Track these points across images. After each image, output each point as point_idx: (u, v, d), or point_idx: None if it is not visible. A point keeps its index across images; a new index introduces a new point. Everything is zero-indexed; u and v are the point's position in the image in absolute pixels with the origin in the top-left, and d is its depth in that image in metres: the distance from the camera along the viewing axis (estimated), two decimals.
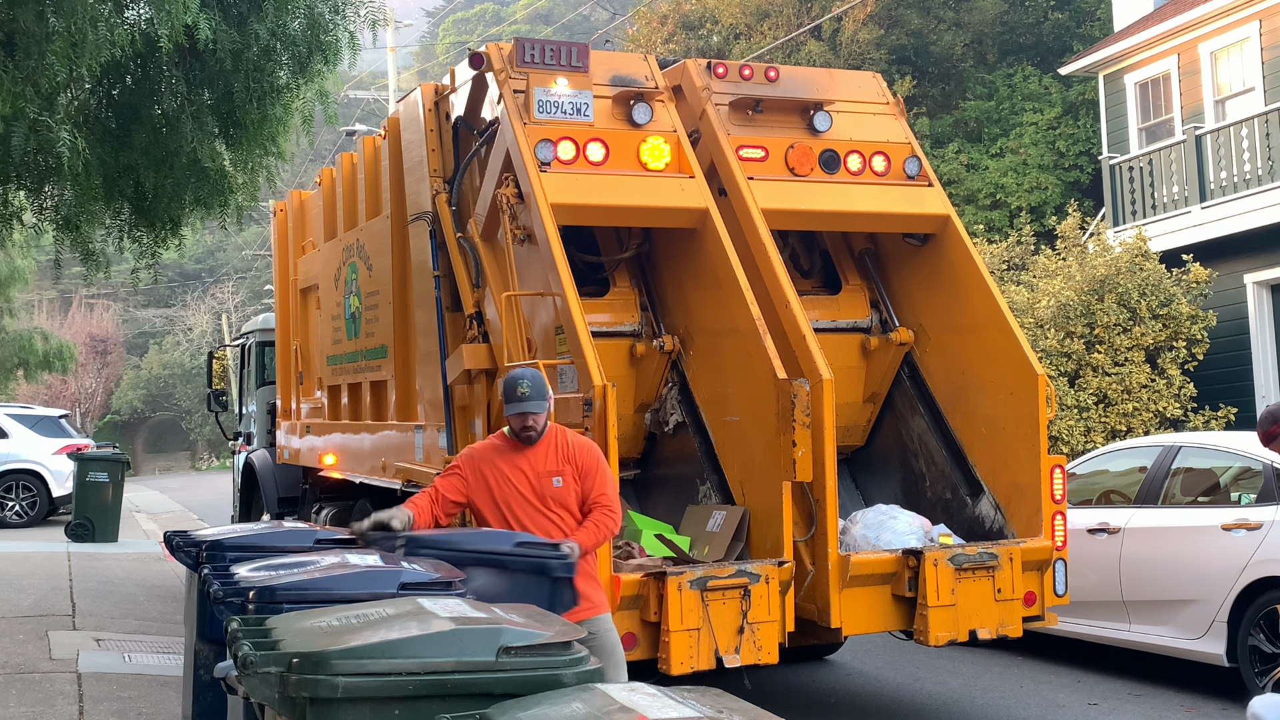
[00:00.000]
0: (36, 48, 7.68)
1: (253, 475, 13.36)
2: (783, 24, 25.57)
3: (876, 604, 6.95)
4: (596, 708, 2.85)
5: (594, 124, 7.41)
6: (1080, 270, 15.44)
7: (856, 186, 7.92)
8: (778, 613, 6.56)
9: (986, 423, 7.63)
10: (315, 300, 11.32)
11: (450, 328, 8.02)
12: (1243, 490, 8.43)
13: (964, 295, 7.83)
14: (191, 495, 30.87)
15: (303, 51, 9.00)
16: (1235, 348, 16.46)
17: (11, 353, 27.34)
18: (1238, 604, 7.92)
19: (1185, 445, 9.01)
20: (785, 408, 6.61)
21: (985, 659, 9.50)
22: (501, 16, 59.33)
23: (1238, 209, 16.41)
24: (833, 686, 8.79)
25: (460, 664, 3.22)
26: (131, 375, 56.74)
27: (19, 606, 11.07)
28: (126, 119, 9.30)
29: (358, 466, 9.76)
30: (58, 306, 52.59)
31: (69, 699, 7.66)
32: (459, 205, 8.10)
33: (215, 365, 15.48)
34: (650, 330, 7.89)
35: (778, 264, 7.31)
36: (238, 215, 10.50)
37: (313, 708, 3.15)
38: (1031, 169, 23.18)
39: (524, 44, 7.47)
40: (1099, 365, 14.81)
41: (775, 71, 8.04)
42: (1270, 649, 7.78)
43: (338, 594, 4.38)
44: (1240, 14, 17.47)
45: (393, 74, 33.92)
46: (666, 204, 7.36)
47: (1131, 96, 19.51)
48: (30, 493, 20.29)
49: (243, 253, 56.27)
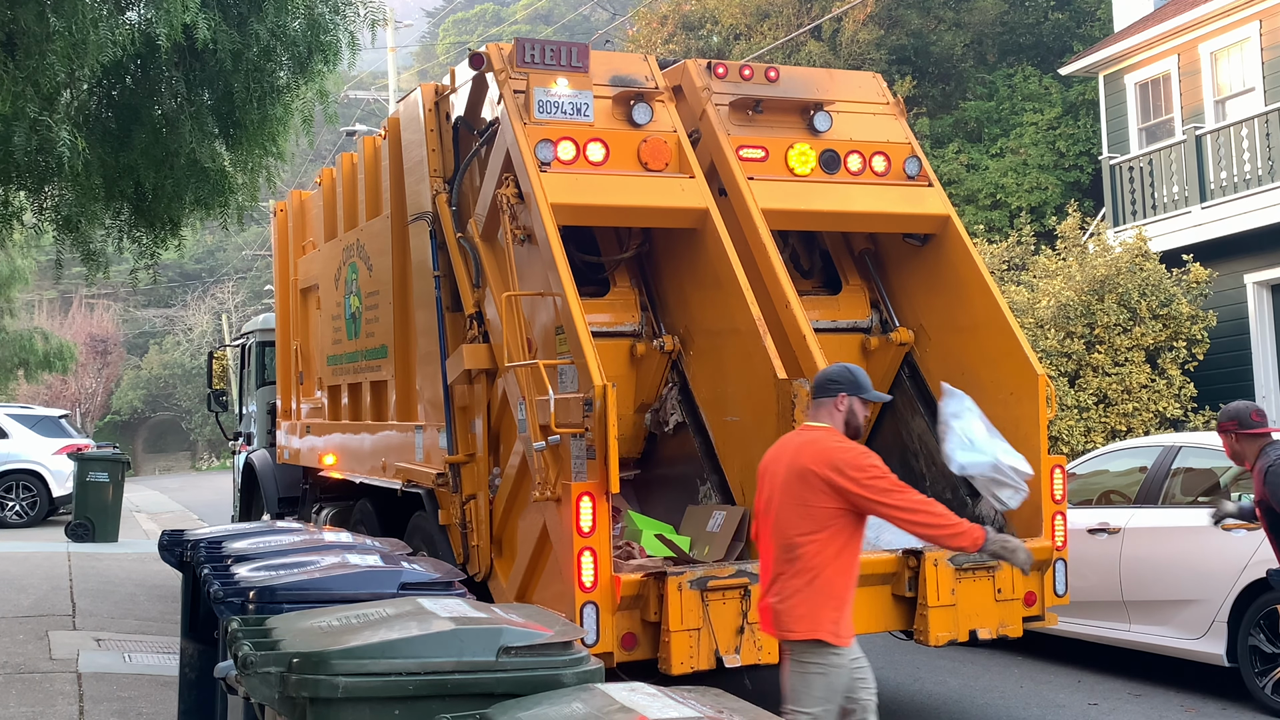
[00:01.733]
0: (37, 48, 7.69)
1: (253, 475, 13.36)
2: (783, 24, 25.56)
3: (876, 604, 6.95)
4: (596, 708, 2.85)
5: (594, 124, 7.41)
6: (1080, 270, 15.44)
7: (857, 186, 7.92)
8: None
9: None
10: (315, 300, 11.32)
11: (450, 328, 8.02)
12: (1243, 490, 8.43)
13: (964, 295, 7.83)
14: (191, 495, 30.87)
15: (302, 52, 9.01)
16: (1235, 348, 16.46)
17: (11, 353, 27.34)
18: (1238, 604, 7.92)
19: (1185, 445, 9.01)
20: (785, 408, 6.61)
21: (985, 659, 9.50)
22: (501, 17, 59.34)
23: (1238, 209, 16.41)
24: None
25: (460, 664, 3.22)
26: (131, 375, 56.74)
27: (19, 606, 11.07)
28: (127, 119, 9.30)
29: (358, 466, 9.77)
30: (58, 306, 52.58)
31: (69, 699, 7.66)
32: (459, 205, 8.09)
33: (215, 365, 15.48)
34: (650, 330, 7.89)
35: (778, 264, 7.31)
36: (238, 215, 10.51)
37: (313, 708, 3.15)
38: (1031, 169, 23.18)
39: (524, 44, 7.47)
40: (1099, 365, 14.81)
41: (775, 72, 8.04)
42: (1270, 649, 7.78)
43: (338, 594, 4.39)
44: (1240, 14, 17.46)
45: (393, 74, 33.91)
46: (666, 204, 7.36)
47: (1131, 96, 19.51)
48: (30, 493, 20.30)
49: (243, 253, 56.27)
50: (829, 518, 4.96)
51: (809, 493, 4.98)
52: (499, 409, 7.46)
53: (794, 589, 4.99)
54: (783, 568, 5.05)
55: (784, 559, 5.05)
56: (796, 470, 5.04)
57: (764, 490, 5.25)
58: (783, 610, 5.03)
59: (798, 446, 5.15)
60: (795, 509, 5.02)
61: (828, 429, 5.15)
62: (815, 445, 5.06)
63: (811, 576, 4.97)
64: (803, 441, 5.16)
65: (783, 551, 5.06)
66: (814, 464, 4.99)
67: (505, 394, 7.32)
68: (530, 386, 6.86)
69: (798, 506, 5.01)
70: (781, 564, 5.06)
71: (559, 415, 6.40)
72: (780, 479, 5.12)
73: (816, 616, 4.96)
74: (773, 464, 5.24)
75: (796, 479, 5.03)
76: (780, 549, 5.07)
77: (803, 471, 5.01)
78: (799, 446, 5.14)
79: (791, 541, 5.01)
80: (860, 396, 5.21)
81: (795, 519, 5.01)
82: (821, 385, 5.27)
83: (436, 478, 7.80)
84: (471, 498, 7.58)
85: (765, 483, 5.25)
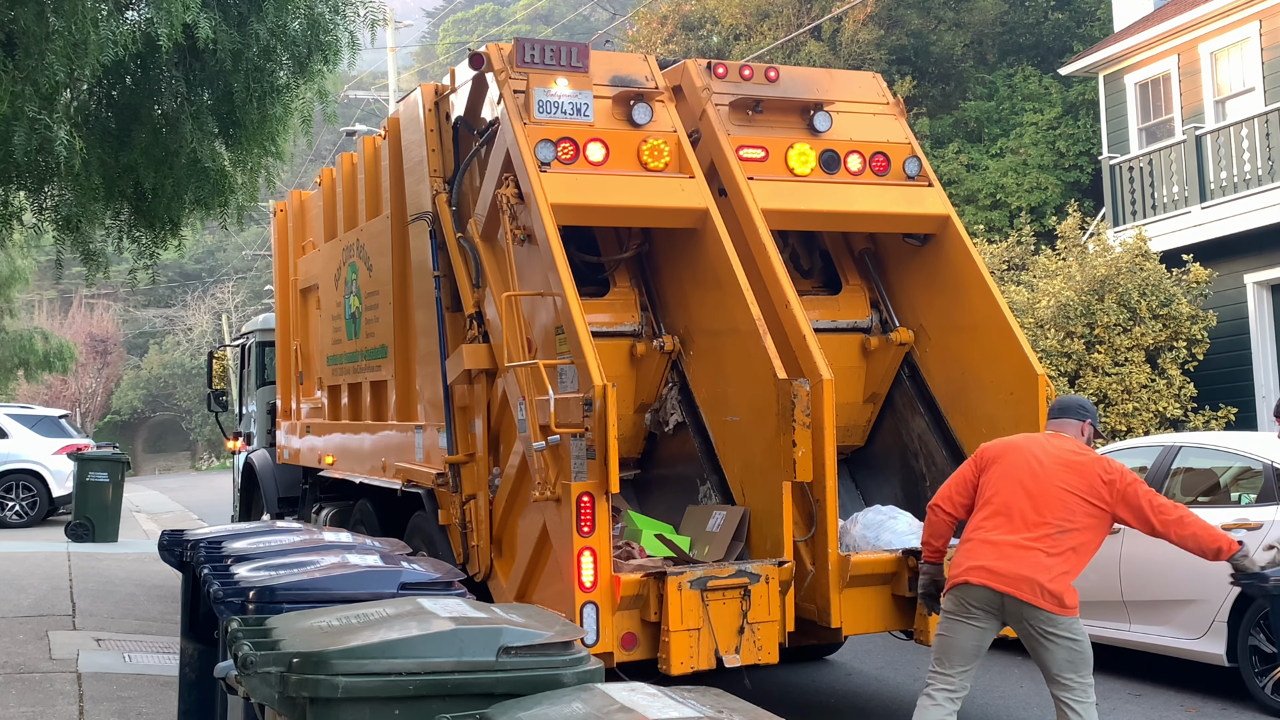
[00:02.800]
0: (36, 48, 7.69)
1: (253, 475, 13.36)
2: (783, 24, 25.57)
3: (876, 604, 6.95)
4: (596, 708, 2.85)
5: (594, 124, 7.41)
6: (1080, 270, 15.45)
7: (856, 186, 7.92)
8: (778, 613, 6.56)
9: (987, 423, 7.62)
10: (315, 300, 11.32)
11: (450, 328, 8.02)
12: (1243, 490, 8.43)
13: (964, 295, 7.83)
14: (191, 495, 30.88)
15: (302, 52, 9.01)
16: (1235, 348, 16.46)
17: (11, 353, 27.35)
18: (1238, 604, 7.92)
19: (1185, 445, 9.01)
20: (785, 408, 6.61)
21: (985, 659, 9.47)
22: (501, 17, 59.35)
23: (1238, 209, 16.42)
24: (833, 686, 8.79)
25: (460, 664, 3.22)
26: (131, 375, 56.75)
27: (19, 606, 11.07)
28: (127, 119, 9.30)
29: (358, 466, 9.77)
30: (58, 306, 52.60)
31: (69, 699, 7.66)
32: (459, 205, 8.10)
33: (215, 365, 15.48)
34: (650, 330, 7.89)
35: (778, 264, 7.30)
36: (237, 215, 10.51)
37: (313, 708, 3.15)
38: (1031, 169, 23.18)
39: (524, 44, 7.47)
40: (1099, 365, 14.81)
41: (775, 72, 8.03)
42: (1270, 649, 7.78)
43: (338, 594, 4.39)
44: (1240, 14, 17.47)
45: (393, 74, 33.91)
46: (666, 204, 7.36)
47: (1131, 96, 19.51)
48: (30, 493, 20.30)
49: (243, 253, 56.27)
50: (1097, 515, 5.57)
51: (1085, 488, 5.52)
52: (499, 409, 7.46)
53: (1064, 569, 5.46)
54: (1051, 545, 5.46)
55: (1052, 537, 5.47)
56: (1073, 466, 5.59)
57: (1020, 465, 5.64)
58: (1058, 589, 5.42)
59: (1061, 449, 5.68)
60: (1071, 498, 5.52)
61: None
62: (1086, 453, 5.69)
63: (1079, 561, 5.53)
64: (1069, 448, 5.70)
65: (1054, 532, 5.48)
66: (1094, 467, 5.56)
67: (505, 394, 7.32)
68: (530, 386, 6.86)
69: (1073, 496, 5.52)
70: (1049, 541, 5.46)
71: (559, 415, 6.40)
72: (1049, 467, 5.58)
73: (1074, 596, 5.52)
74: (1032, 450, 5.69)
75: (1074, 474, 5.56)
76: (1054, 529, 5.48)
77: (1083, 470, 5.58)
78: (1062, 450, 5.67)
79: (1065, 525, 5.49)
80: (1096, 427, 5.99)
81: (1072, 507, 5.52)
82: (1073, 408, 5.95)
83: (436, 478, 7.80)
84: (471, 498, 7.59)
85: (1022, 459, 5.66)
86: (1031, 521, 5.48)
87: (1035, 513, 5.49)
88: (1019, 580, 5.43)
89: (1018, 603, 5.45)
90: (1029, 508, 5.51)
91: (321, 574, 4.63)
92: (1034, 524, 5.48)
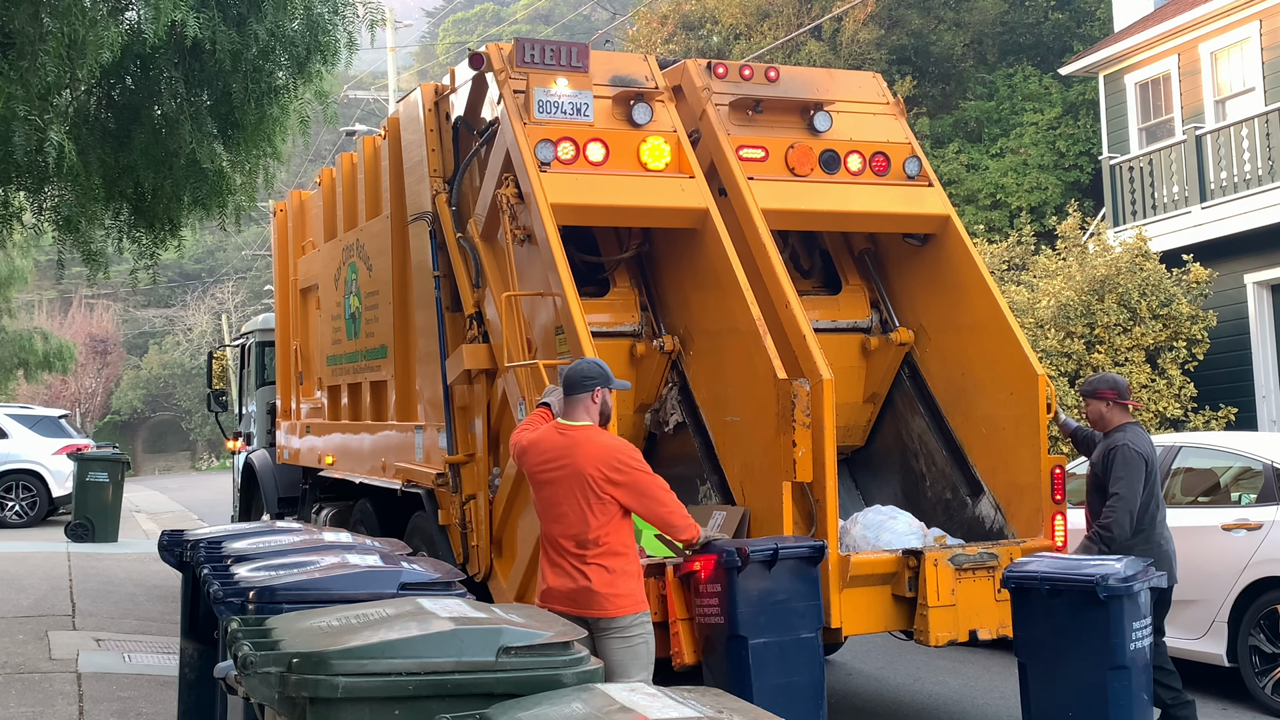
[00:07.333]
0: (30, 48, 7.68)
1: (253, 475, 13.36)
2: (783, 24, 25.57)
3: (876, 604, 6.94)
4: (596, 708, 2.85)
5: (594, 124, 7.41)
6: (1080, 270, 15.44)
7: (856, 186, 7.92)
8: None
9: (987, 423, 7.62)
10: (315, 300, 11.32)
11: (450, 328, 8.02)
12: (1243, 490, 8.43)
13: (964, 295, 7.83)
14: (191, 495, 30.88)
15: (301, 52, 9.00)
16: (1235, 348, 16.46)
17: (11, 353, 27.35)
18: (1238, 604, 7.93)
19: (1185, 445, 9.01)
20: (785, 408, 6.60)
21: (985, 659, 9.50)
22: (501, 16, 59.34)
23: (1238, 209, 16.41)
24: (833, 686, 8.78)
25: (460, 664, 3.22)
26: (131, 375, 56.75)
27: (19, 606, 11.07)
28: (126, 120, 9.30)
29: (358, 466, 9.77)
30: (58, 306, 52.59)
31: (69, 699, 7.66)
32: (459, 205, 8.10)
33: (215, 365, 15.48)
34: (650, 330, 7.89)
35: (778, 264, 7.30)
36: (236, 215, 10.50)
37: (313, 708, 3.15)
38: (1031, 169, 23.18)
39: (524, 44, 7.47)
40: (1099, 365, 14.80)
41: (775, 72, 8.03)
42: (1270, 649, 7.78)
43: (337, 594, 4.39)
44: (1240, 14, 17.47)
45: (392, 74, 33.92)
46: (666, 204, 7.36)
47: (1131, 96, 19.51)
48: (30, 493, 20.29)
49: (243, 253, 56.26)
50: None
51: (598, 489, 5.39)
52: (499, 409, 7.46)
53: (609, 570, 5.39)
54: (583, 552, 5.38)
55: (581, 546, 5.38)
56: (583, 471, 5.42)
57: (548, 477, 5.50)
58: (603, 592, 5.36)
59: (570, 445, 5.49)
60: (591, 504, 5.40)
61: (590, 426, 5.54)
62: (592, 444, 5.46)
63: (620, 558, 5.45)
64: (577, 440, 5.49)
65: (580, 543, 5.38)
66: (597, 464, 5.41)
67: (505, 394, 7.32)
68: (530, 386, 6.86)
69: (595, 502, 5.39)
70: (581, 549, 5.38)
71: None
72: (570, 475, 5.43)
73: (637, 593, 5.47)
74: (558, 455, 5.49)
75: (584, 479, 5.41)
76: (575, 541, 5.39)
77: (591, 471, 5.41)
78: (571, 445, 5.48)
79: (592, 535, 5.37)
80: (611, 388, 5.67)
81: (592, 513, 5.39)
82: (577, 381, 5.58)
83: (436, 478, 7.80)
84: (471, 498, 7.59)
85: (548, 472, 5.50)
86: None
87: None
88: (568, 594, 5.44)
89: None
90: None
91: (321, 574, 4.63)
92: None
